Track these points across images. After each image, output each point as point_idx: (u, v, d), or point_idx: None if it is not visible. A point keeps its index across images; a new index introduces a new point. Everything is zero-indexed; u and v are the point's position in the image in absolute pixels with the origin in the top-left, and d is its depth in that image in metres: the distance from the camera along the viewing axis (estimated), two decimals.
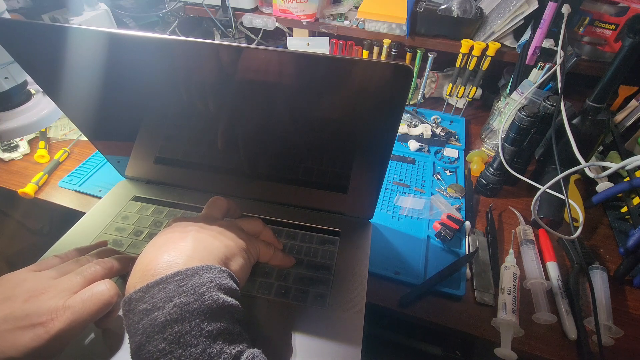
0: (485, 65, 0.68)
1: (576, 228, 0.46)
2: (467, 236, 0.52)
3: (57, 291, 0.28)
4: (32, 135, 0.69)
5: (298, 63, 0.29)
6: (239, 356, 0.24)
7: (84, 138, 0.68)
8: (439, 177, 0.62)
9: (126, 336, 0.25)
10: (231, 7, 0.85)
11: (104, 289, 0.29)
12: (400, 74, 0.27)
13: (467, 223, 0.53)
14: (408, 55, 0.76)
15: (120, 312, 0.25)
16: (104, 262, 0.32)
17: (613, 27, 0.64)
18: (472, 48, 0.67)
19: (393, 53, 0.78)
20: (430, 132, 0.69)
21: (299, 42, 0.82)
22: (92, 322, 0.29)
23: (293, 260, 0.41)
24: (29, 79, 0.55)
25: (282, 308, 0.37)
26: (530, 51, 0.63)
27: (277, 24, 0.84)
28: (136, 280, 0.26)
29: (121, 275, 0.35)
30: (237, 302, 0.27)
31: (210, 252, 0.29)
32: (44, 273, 0.30)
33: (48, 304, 0.27)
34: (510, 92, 0.65)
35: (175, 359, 0.22)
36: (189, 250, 0.28)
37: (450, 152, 0.67)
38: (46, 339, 0.25)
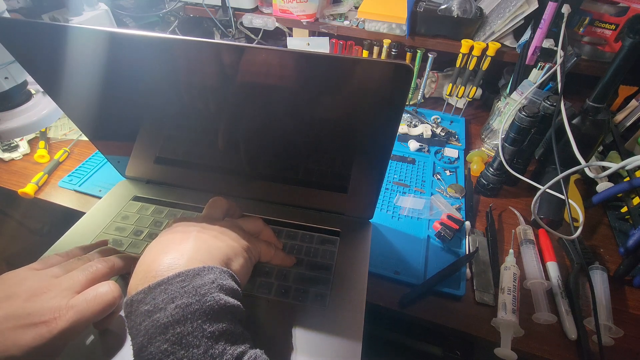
0: (485, 65, 0.68)
1: (576, 228, 0.46)
2: (467, 236, 0.52)
3: (59, 290, 0.28)
4: (32, 135, 0.69)
5: (298, 62, 0.29)
6: (241, 357, 0.24)
7: (84, 138, 0.68)
8: (439, 177, 0.62)
9: (127, 336, 0.25)
10: (231, 7, 0.85)
11: (108, 289, 0.29)
12: (400, 73, 0.27)
13: (467, 223, 0.53)
14: (408, 55, 0.76)
15: (122, 314, 0.25)
16: (106, 261, 0.32)
17: (613, 27, 0.64)
18: (472, 48, 0.67)
19: (393, 53, 0.78)
20: (430, 132, 0.69)
21: (299, 42, 0.82)
22: (95, 322, 0.29)
23: (294, 260, 0.41)
24: (29, 78, 0.55)
25: (282, 308, 0.37)
26: (530, 51, 0.63)
27: (277, 24, 0.84)
28: (138, 281, 0.26)
29: (122, 275, 0.35)
30: (238, 303, 0.27)
31: (211, 252, 0.29)
32: (46, 271, 0.30)
33: (51, 303, 0.27)
34: (510, 92, 0.65)
35: None
36: (191, 251, 0.28)
37: (450, 152, 0.67)
38: (48, 338, 0.25)
